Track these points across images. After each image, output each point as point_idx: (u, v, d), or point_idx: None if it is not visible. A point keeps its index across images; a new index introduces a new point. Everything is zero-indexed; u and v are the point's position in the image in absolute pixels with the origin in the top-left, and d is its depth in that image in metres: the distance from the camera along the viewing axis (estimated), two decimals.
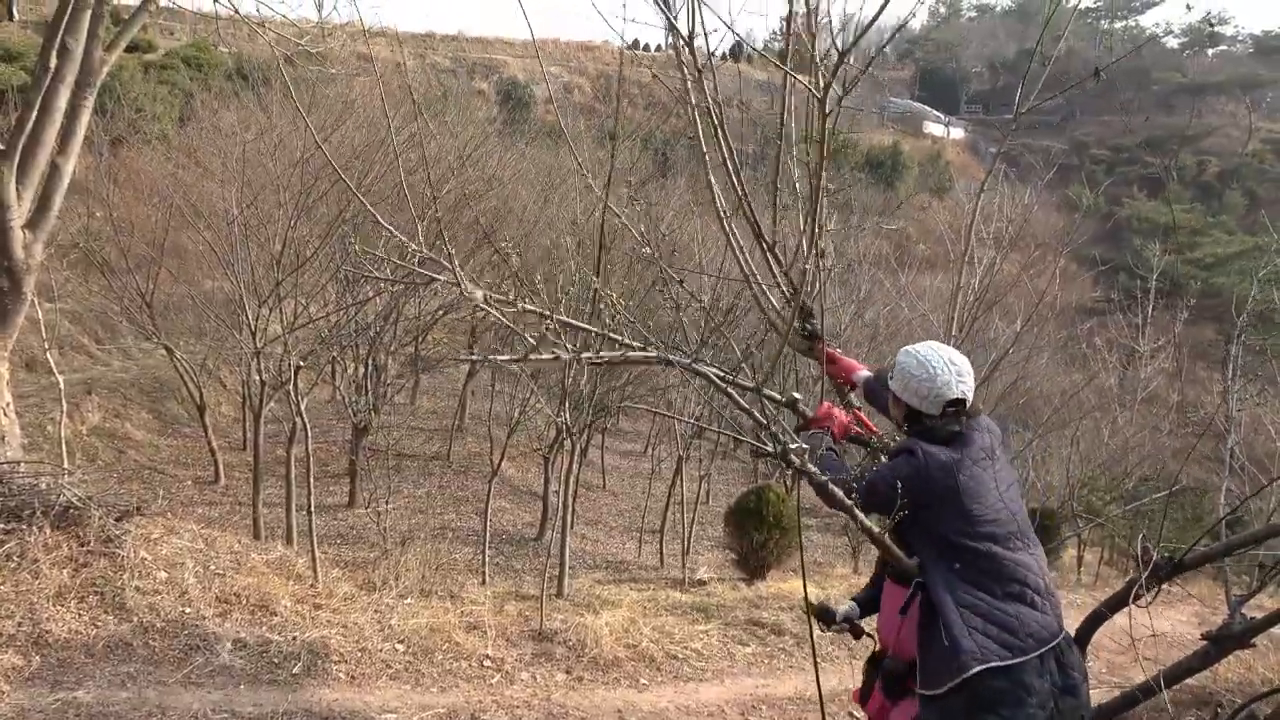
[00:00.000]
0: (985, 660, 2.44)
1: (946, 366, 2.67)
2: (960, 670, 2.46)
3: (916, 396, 2.70)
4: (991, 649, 2.45)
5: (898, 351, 2.82)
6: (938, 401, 2.67)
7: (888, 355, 13.14)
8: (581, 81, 47.86)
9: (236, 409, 15.75)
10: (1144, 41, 47.11)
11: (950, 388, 2.66)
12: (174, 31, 33.16)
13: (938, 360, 2.69)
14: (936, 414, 2.68)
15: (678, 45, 2.76)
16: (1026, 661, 2.46)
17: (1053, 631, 2.53)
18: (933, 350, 2.73)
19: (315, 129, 10.30)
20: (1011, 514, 2.61)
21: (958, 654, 2.46)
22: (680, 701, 5.43)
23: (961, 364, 2.71)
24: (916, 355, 2.73)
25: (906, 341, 12.79)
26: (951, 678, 2.48)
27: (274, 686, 4.56)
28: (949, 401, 2.67)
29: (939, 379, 2.66)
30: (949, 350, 2.75)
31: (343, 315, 11.03)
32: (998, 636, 2.47)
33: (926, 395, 2.68)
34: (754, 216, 2.88)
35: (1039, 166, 12.76)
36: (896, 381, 2.75)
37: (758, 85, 48.65)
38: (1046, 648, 2.50)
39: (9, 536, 4.94)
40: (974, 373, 2.78)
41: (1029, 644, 2.47)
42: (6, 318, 6.49)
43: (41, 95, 6.35)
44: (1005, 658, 2.45)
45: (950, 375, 2.66)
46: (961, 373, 2.69)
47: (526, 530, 13.65)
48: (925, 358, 2.70)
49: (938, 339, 3.07)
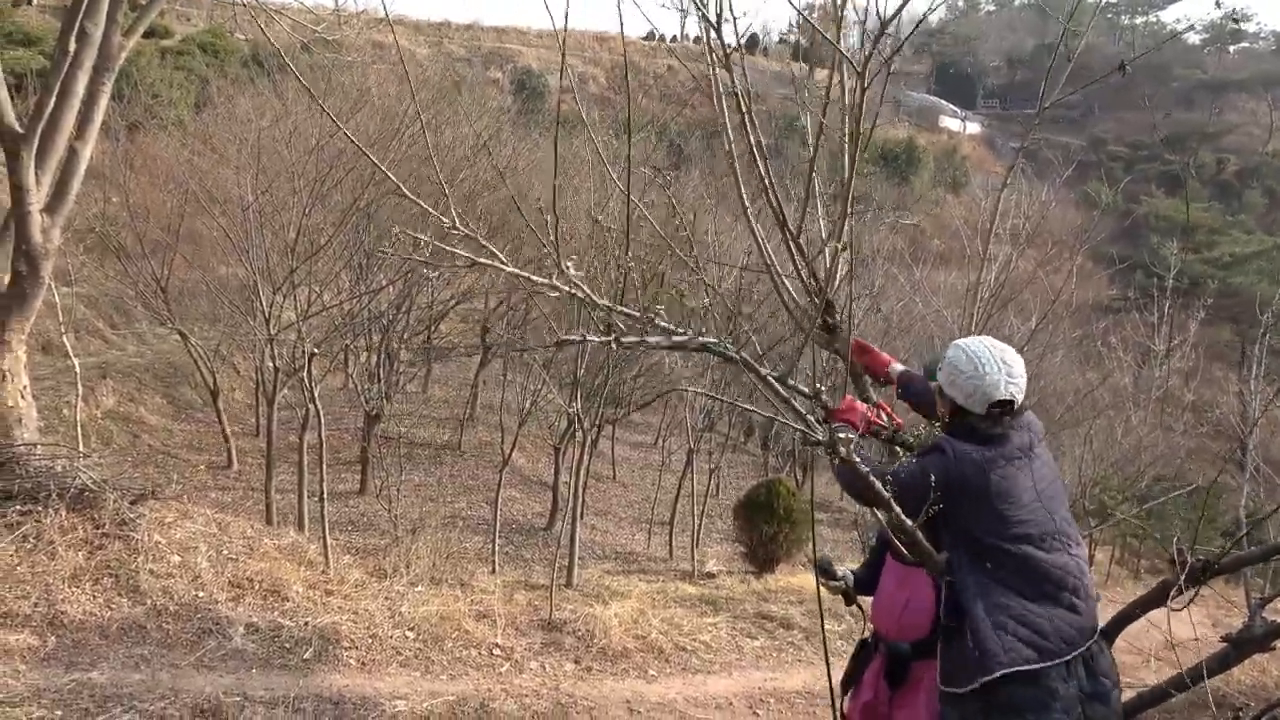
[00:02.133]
0: (1011, 664, 2.37)
1: (997, 365, 2.55)
2: (984, 672, 2.39)
3: (962, 393, 2.58)
4: (1019, 651, 2.38)
5: (948, 345, 2.71)
6: (984, 401, 2.54)
7: (902, 350, 13.11)
8: (596, 72, 47.72)
9: (250, 395, 15.82)
10: (1168, 38, 46.48)
11: (998, 388, 2.53)
12: (190, 17, 33.25)
13: (989, 358, 2.56)
14: (981, 413, 2.56)
15: (705, 31, 2.72)
16: (1052, 667, 2.39)
17: (1086, 635, 2.46)
18: (985, 347, 2.60)
19: (330, 115, 10.33)
20: (1050, 513, 2.51)
21: (983, 656, 2.40)
22: (688, 693, 5.43)
23: (1015, 364, 2.58)
24: (967, 350, 2.60)
25: (920, 337, 12.76)
26: (974, 679, 2.42)
27: (285, 671, 4.58)
28: (995, 402, 2.54)
29: (988, 378, 2.53)
30: (1003, 348, 2.61)
31: (356, 303, 11.04)
32: (1027, 639, 2.40)
33: (972, 393, 2.55)
34: (779, 206, 2.85)
35: (1057, 163, 12.63)
36: (944, 374, 2.64)
37: (773, 77, 48.39)
38: (1077, 651, 2.42)
39: (25, 518, 4.98)
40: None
41: (1060, 647, 2.40)
42: (24, 301, 6.53)
43: (60, 80, 6.37)
44: (1033, 660, 2.38)
45: (1000, 375, 2.53)
46: (1013, 373, 2.55)
47: (536, 520, 13.68)
48: (976, 353, 2.57)
49: (952, 335, 3.02)
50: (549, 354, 10.89)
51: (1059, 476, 2.67)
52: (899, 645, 2.84)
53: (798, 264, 2.88)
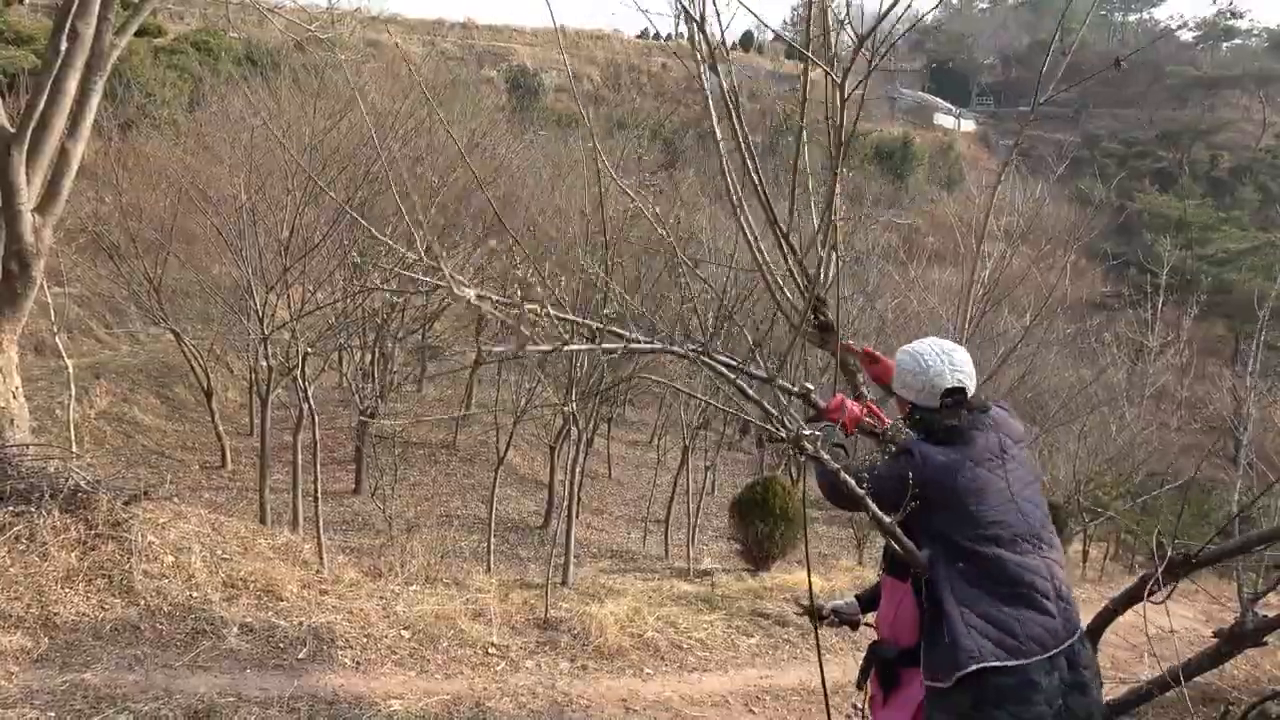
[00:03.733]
0: (983, 660, 2.42)
1: (938, 356, 2.65)
2: (957, 667, 2.45)
3: (912, 391, 2.69)
4: (989, 649, 2.43)
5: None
6: (933, 393, 2.64)
7: (896, 348, 13.15)
8: (590, 70, 47.67)
9: (243, 395, 15.79)
10: (1161, 35, 46.62)
11: (944, 377, 2.63)
12: (183, 16, 33.12)
13: (929, 351, 2.67)
14: (935, 406, 2.64)
15: (691, 30, 2.73)
16: (1034, 661, 2.43)
17: (1059, 637, 2.48)
18: (924, 343, 2.72)
19: (323, 116, 10.30)
20: (1023, 515, 2.55)
21: (956, 651, 2.46)
22: (684, 691, 5.43)
23: (956, 353, 2.68)
24: (909, 350, 2.72)
25: (915, 334, 12.78)
26: (950, 673, 2.47)
27: (280, 671, 4.57)
28: (945, 391, 2.63)
29: (931, 369, 2.64)
30: (943, 342, 2.72)
31: (350, 302, 11.02)
32: (996, 638, 2.44)
33: (921, 388, 2.66)
34: (769, 203, 2.85)
35: (1051, 159, 12.66)
36: (896, 381, 2.75)
37: (768, 75, 48.35)
38: (1050, 652, 2.45)
39: (18, 519, 4.96)
40: (981, 366, 2.74)
41: (1030, 647, 2.44)
42: (16, 301, 6.50)
43: (52, 79, 6.34)
44: (1002, 658, 2.42)
45: (943, 365, 2.64)
46: (955, 362, 2.65)
47: (532, 519, 13.68)
48: (917, 351, 2.70)
49: (947, 332, 3.04)
50: (538, 355, 10.86)
51: (1037, 479, 2.72)
52: (886, 650, 2.88)
53: (789, 262, 2.88)
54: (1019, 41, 65.18)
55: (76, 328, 15.97)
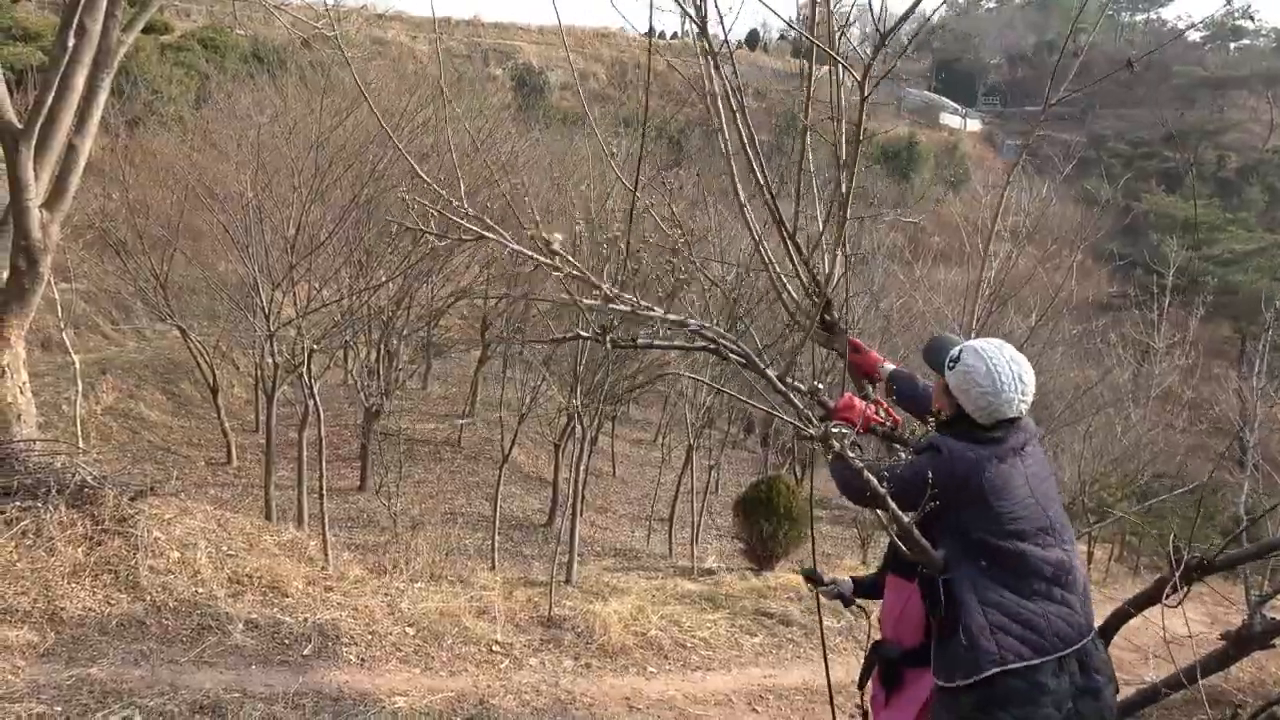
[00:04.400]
0: (1004, 663, 2.39)
1: (1015, 383, 2.50)
2: (974, 671, 2.42)
3: (973, 404, 2.54)
4: (1013, 649, 2.40)
5: (963, 346, 2.62)
6: (993, 416, 2.53)
7: (901, 347, 13.10)
8: (597, 69, 47.63)
9: (249, 391, 15.83)
10: (1174, 37, 46.37)
11: (1011, 406, 2.51)
12: (190, 13, 33.18)
13: (1009, 375, 2.50)
14: (986, 425, 2.54)
15: (692, 29, 2.72)
16: (1044, 662, 2.40)
17: (1081, 631, 2.46)
18: (1006, 361, 2.52)
19: (330, 113, 10.32)
20: (1043, 509, 2.52)
21: (976, 653, 2.41)
22: (688, 690, 5.43)
23: (1030, 383, 2.54)
24: (988, 362, 2.51)
25: (921, 333, 12.73)
26: (967, 676, 2.44)
27: (285, 667, 4.58)
28: (1003, 420, 2.54)
29: (1003, 395, 2.50)
30: (1022, 363, 2.54)
31: (356, 299, 11.05)
32: (1021, 635, 2.41)
33: (985, 407, 2.52)
34: (774, 203, 2.84)
35: (1058, 160, 12.60)
36: (957, 379, 2.56)
37: (774, 74, 48.16)
38: (1072, 648, 2.43)
39: (25, 514, 4.98)
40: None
41: (1054, 644, 2.41)
42: (23, 297, 6.52)
43: (59, 76, 6.36)
44: (1026, 657, 2.39)
45: (1015, 394, 2.50)
46: (1026, 393, 2.52)
47: (536, 516, 13.69)
48: (996, 369, 2.50)
49: (952, 332, 3.01)
50: (549, 350, 10.88)
51: (1052, 474, 2.67)
52: (889, 650, 2.87)
53: (795, 262, 2.88)
54: (1025, 41, 64.97)
55: (83, 324, 16.03)
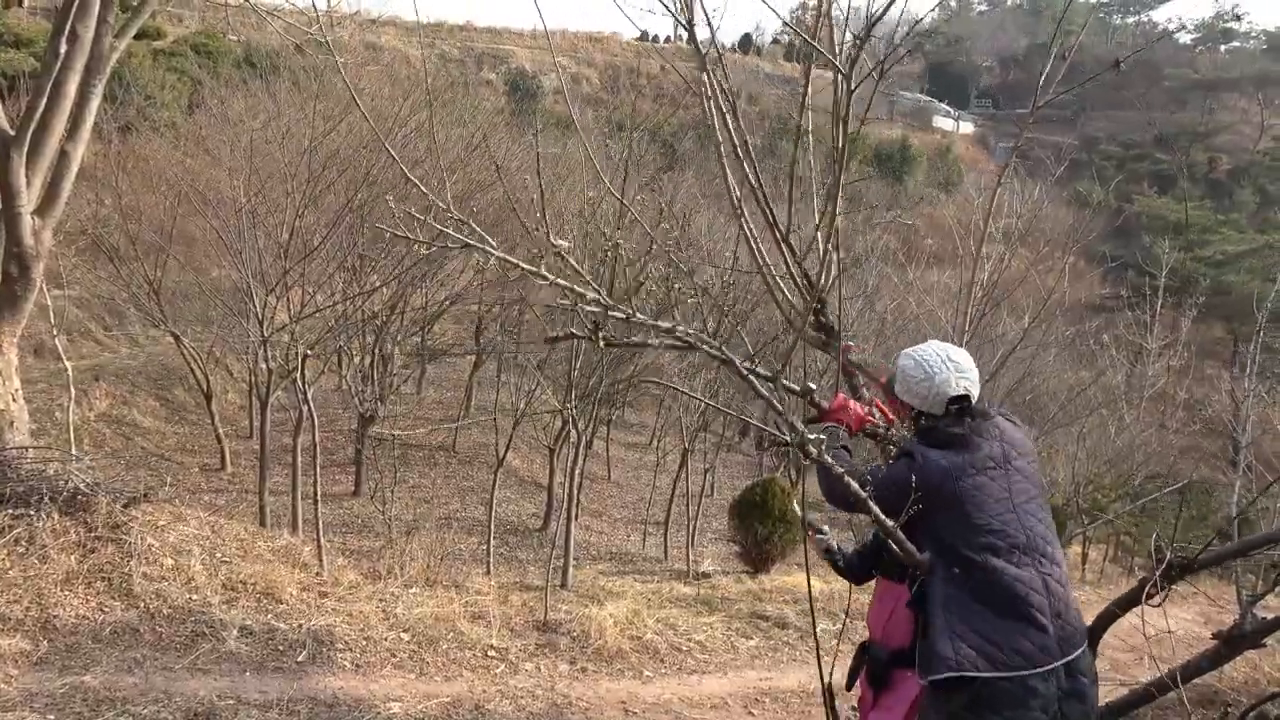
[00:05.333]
0: (960, 669, 2.40)
1: (944, 364, 2.64)
2: (932, 670, 2.46)
3: (917, 397, 2.67)
4: (969, 658, 2.40)
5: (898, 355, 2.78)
6: (940, 400, 2.63)
7: (896, 350, 13.14)
8: (589, 73, 47.70)
9: (243, 397, 15.79)
10: (1160, 37, 46.65)
11: (950, 384, 2.62)
12: (183, 19, 33.12)
13: (935, 358, 2.65)
14: (941, 413, 2.63)
15: (681, 32, 2.74)
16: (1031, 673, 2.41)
17: (1052, 653, 2.43)
18: (930, 349, 2.70)
19: (323, 118, 10.31)
20: (1023, 526, 2.52)
21: (933, 656, 2.46)
22: (684, 693, 5.43)
23: (961, 359, 2.67)
24: (914, 356, 2.70)
25: (914, 335, 12.78)
26: (925, 675, 2.49)
27: (280, 674, 4.57)
28: (951, 399, 2.62)
29: (937, 377, 2.62)
30: (947, 347, 2.71)
31: (350, 304, 11.03)
32: (979, 647, 2.41)
33: (927, 395, 2.64)
34: (768, 206, 2.86)
35: (1049, 162, 12.66)
36: (898, 385, 2.73)
37: (767, 78, 48.30)
38: (1041, 669, 2.40)
39: (17, 522, 4.96)
40: (980, 368, 2.73)
41: (1015, 660, 2.39)
42: (15, 304, 6.50)
43: (51, 82, 6.34)
44: (982, 669, 2.39)
45: (949, 372, 2.62)
46: (961, 368, 2.64)
47: (531, 521, 13.67)
48: (922, 357, 2.67)
49: (946, 334, 3.04)
50: (543, 354, 10.88)
51: (1042, 492, 2.68)
52: (877, 651, 2.88)
53: (789, 264, 2.89)
54: (1017, 44, 65.28)
55: (76, 330, 15.96)
